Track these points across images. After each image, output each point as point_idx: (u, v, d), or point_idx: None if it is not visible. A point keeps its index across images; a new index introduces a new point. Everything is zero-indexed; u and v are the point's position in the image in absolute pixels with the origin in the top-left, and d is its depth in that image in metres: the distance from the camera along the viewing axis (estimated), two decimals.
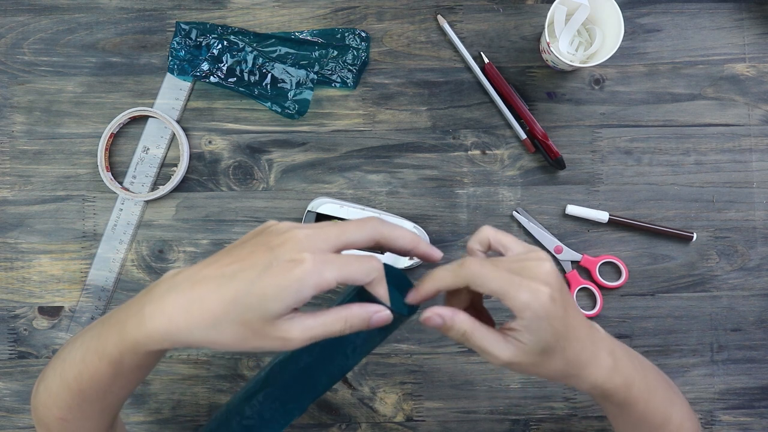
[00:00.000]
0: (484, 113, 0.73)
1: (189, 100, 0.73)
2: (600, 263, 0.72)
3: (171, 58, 0.72)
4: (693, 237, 0.71)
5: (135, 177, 0.72)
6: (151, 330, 0.42)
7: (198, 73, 0.71)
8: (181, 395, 0.72)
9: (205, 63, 0.71)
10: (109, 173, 0.72)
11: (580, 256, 0.72)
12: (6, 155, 0.73)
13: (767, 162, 0.73)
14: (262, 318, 0.40)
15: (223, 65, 0.71)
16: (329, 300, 0.72)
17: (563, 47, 0.69)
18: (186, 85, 0.72)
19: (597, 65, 0.71)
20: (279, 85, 0.72)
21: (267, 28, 0.73)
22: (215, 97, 0.73)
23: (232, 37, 0.72)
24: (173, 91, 0.72)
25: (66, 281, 0.72)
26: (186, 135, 0.72)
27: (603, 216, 0.71)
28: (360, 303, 0.43)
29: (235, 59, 0.72)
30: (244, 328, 0.40)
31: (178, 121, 0.72)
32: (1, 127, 0.73)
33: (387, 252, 0.69)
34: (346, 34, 0.72)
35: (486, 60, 0.72)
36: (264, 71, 0.72)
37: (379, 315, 0.43)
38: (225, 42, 0.72)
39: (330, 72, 0.72)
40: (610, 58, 0.66)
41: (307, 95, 0.72)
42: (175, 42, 0.72)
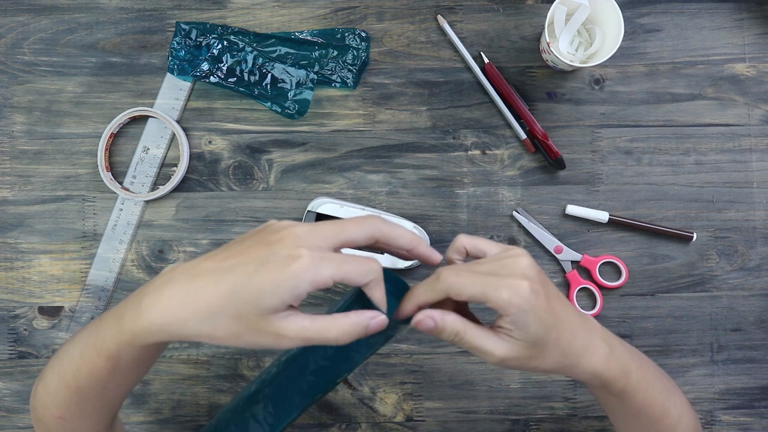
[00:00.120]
0: (484, 113, 0.73)
1: (189, 100, 0.73)
2: (600, 263, 0.72)
3: (171, 58, 0.72)
4: (693, 237, 0.71)
5: (135, 177, 0.72)
6: (148, 322, 0.42)
7: (198, 73, 0.71)
8: (181, 395, 0.72)
9: (205, 63, 0.71)
10: (109, 173, 0.72)
11: (580, 256, 0.72)
12: (6, 155, 0.73)
13: (767, 162, 0.73)
14: (257, 312, 0.40)
15: (223, 65, 0.71)
16: (329, 300, 0.72)
17: (563, 47, 0.69)
18: (186, 85, 0.72)
19: (597, 65, 0.71)
20: (279, 85, 0.72)
21: (267, 28, 0.73)
22: (215, 97, 0.73)
23: (232, 37, 0.72)
24: (173, 91, 0.72)
25: (66, 281, 0.72)
26: (186, 135, 0.72)
27: (603, 216, 0.71)
28: (357, 311, 0.43)
29: (235, 59, 0.72)
30: (239, 322, 0.40)
31: (178, 121, 0.72)
32: (1, 127, 0.73)
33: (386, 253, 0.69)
34: (346, 34, 0.72)
35: (486, 60, 0.72)
36: (264, 71, 0.72)
37: (376, 321, 0.43)
38: (225, 42, 0.72)
39: (330, 72, 0.72)
40: (610, 58, 0.66)
41: (307, 95, 0.72)
42: (175, 42, 0.72)
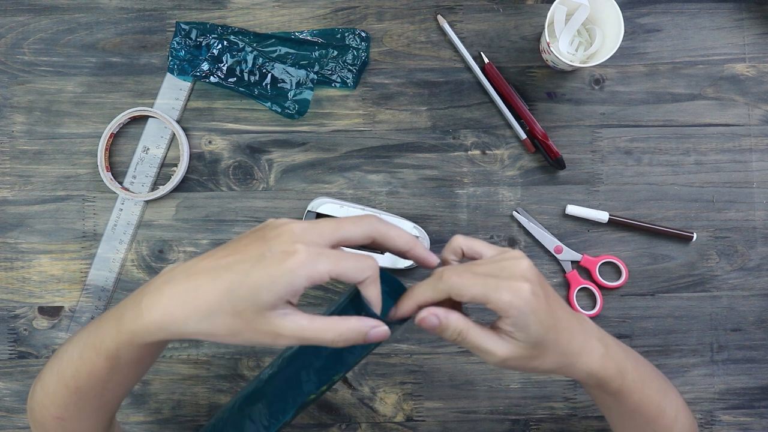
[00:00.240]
0: (484, 113, 0.73)
1: (189, 100, 0.73)
2: (600, 263, 0.72)
3: (171, 58, 0.72)
4: (693, 237, 0.71)
5: (135, 177, 0.72)
6: (148, 321, 0.42)
7: (198, 73, 0.71)
8: (181, 395, 0.72)
9: (205, 63, 0.71)
10: (109, 173, 0.72)
11: (580, 256, 0.72)
12: (6, 155, 0.73)
13: (767, 162, 0.73)
14: (254, 309, 0.40)
15: (223, 65, 0.71)
16: (329, 300, 0.72)
17: (563, 47, 0.69)
18: (186, 85, 0.72)
19: (597, 65, 0.71)
20: (279, 85, 0.72)
21: (267, 28, 0.73)
22: (215, 97, 0.73)
23: (232, 37, 0.72)
24: (173, 91, 0.72)
25: (66, 281, 0.72)
26: (186, 135, 0.72)
27: (603, 216, 0.71)
28: (360, 318, 0.43)
29: (235, 59, 0.72)
30: (237, 319, 0.41)
31: (178, 121, 0.72)
32: (1, 127, 0.73)
33: (386, 252, 0.69)
34: (346, 34, 0.72)
35: (486, 60, 0.72)
36: (264, 71, 0.72)
37: (377, 330, 0.43)
38: (225, 42, 0.72)
39: (330, 72, 0.72)
40: (610, 58, 0.66)
41: (307, 95, 0.72)
42: (175, 42, 0.72)
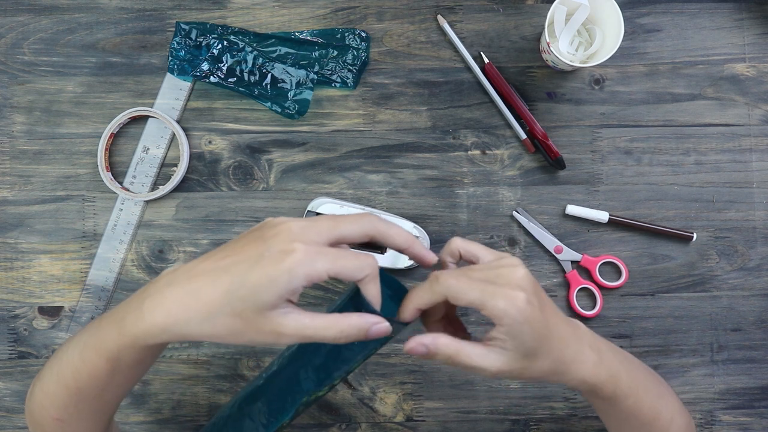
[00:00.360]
0: (484, 113, 0.73)
1: (189, 100, 0.73)
2: (600, 263, 0.72)
3: (171, 58, 0.72)
4: (693, 237, 0.71)
5: (135, 177, 0.72)
6: (150, 324, 0.43)
7: (198, 73, 0.71)
8: (181, 395, 0.72)
9: (205, 63, 0.71)
10: (109, 173, 0.72)
11: (580, 256, 0.72)
12: (6, 155, 0.73)
13: (767, 162, 0.73)
14: (254, 309, 0.40)
15: (223, 65, 0.71)
16: (329, 300, 0.72)
17: (563, 47, 0.69)
18: (186, 85, 0.72)
19: (597, 65, 0.71)
20: (279, 85, 0.72)
21: (267, 28, 0.73)
22: (215, 97, 0.73)
23: (232, 37, 0.72)
24: (173, 91, 0.72)
25: (66, 281, 0.72)
26: (186, 135, 0.72)
27: (603, 216, 0.71)
28: (361, 314, 0.43)
29: (235, 59, 0.72)
30: (238, 320, 0.41)
31: (178, 121, 0.72)
32: (1, 127, 0.73)
33: (386, 253, 0.69)
34: (346, 34, 0.72)
35: (486, 60, 0.72)
36: (264, 71, 0.72)
37: (378, 327, 0.43)
38: (225, 42, 0.72)
39: (330, 72, 0.72)
40: (610, 58, 0.66)
41: (307, 95, 0.72)
42: (175, 42, 0.72)
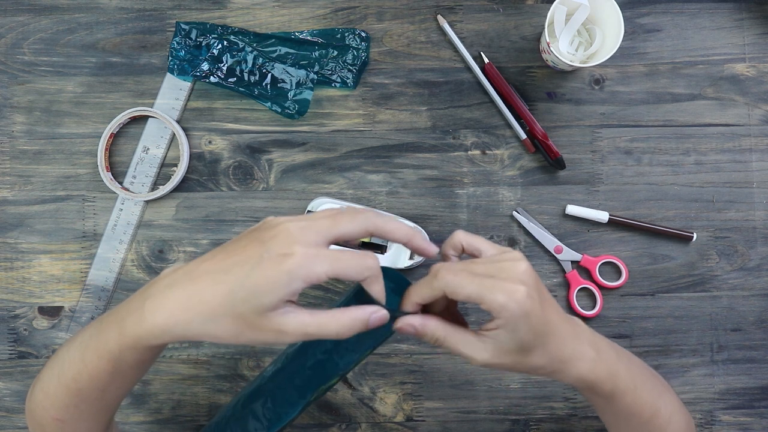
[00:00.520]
0: (484, 113, 0.73)
1: (189, 100, 0.73)
2: (600, 263, 0.72)
3: (171, 58, 0.72)
4: (693, 237, 0.71)
5: (135, 177, 0.72)
6: (152, 325, 0.43)
7: (198, 73, 0.71)
8: (181, 395, 0.72)
9: (205, 63, 0.71)
10: (109, 173, 0.72)
11: (580, 256, 0.72)
12: (6, 155, 0.73)
13: (767, 162, 0.73)
14: (255, 311, 0.41)
15: (223, 65, 0.71)
16: (329, 300, 0.72)
17: (563, 47, 0.69)
18: (186, 85, 0.72)
19: (597, 65, 0.71)
20: (279, 85, 0.72)
21: (267, 28, 0.73)
22: (215, 97, 0.73)
23: (232, 37, 0.72)
24: (173, 91, 0.72)
25: (66, 281, 0.72)
26: (186, 135, 0.72)
27: (603, 216, 0.71)
28: (358, 306, 0.43)
29: (235, 59, 0.72)
30: (239, 321, 0.41)
31: (178, 121, 0.72)
32: (1, 127, 0.73)
33: (386, 253, 0.69)
34: (346, 34, 0.72)
35: (486, 60, 0.72)
36: (264, 71, 0.72)
37: (377, 315, 0.43)
38: (225, 42, 0.72)
39: (330, 72, 0.72)
40: (610, 58, 0.66)
41: (307, 95, 0.72)
42: (175, 42, 0.72)
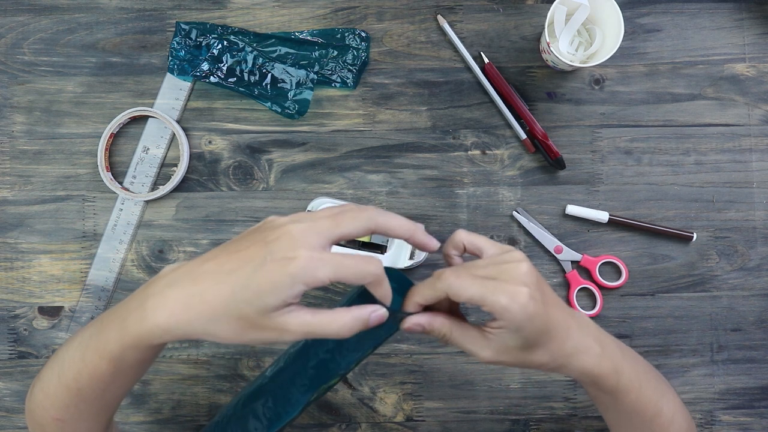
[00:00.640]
0: (484, 113, 0.73)
1: (189, 100, 0.73)
2: (600, 263, 0.72)
3: (171, 58, 0.72)
4: (693, 237, 0.71)
5: (135, 177, 0.72)
6: (153, 324, 0.43)
7: (198, 73, 0.71)
8: (181, 395, 0.72)
9: (205, 63, 0.71)
10: (109, 173, 0.72)
11: (580, 256, 0.72)
12: (6, 155, 0.73)
13: (767, 162, 0.73)
14: (258, 312, 0.41)
15: (223, 65, 0.71)
16: (330, 300, 0.72)
17: (563, 47, 0.69)
18: (186, 85, 0.72)
19: (597, 65, 0.71)
20: (279, 85, 0.72)
21: (267, 28, 0.73)
22: (215, 97, 0.73)
23: (232, 37, 0.72)
24: (173, 91, 0.72)
25: (66, 281, 0.72)
26: (186, 135, 0.72)
27: (603, 216, 0.71)
28: (359, 306, 0.44)
29: (235, 59, 0.72)
30: (241, 321, 0.42)
31: (178, 121, 0.72)
32: (1, 127, 0.73)
33: (386, 253, 0.69)
34: (346, 34, 0.72)
35: (486, 60, 0.72)
36: (264, 71, 0.72)
37: (376, 314, 0.44)
38: (225, 42, 0.72)
39: (330, 72, 0.72)
40: (610, 58, 0.66)
41: (307, 95, 0.72)
42: (175, 42, 0.72)
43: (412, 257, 0.69)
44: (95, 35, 0.73)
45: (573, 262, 0.72)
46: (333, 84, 0.72)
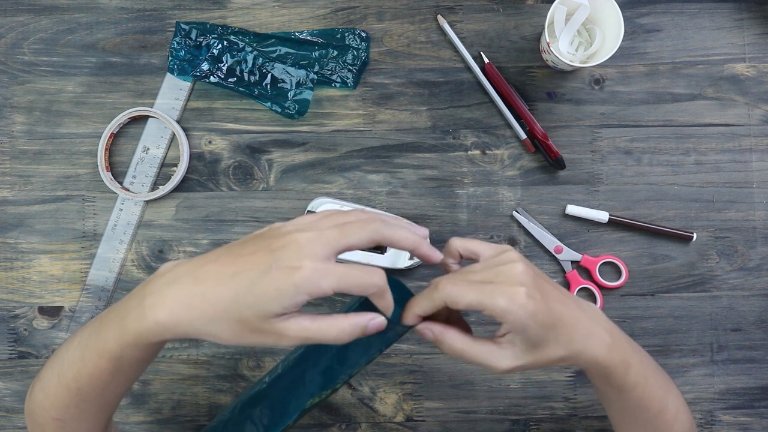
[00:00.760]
0: (484, 113, 0.73)
1: (189, 100, 0.73)
2: (600, 263, 0.72)
3: (171, 58, 0.72)
4: (693, 237, 0.71)
5: (135, 177, 0.72)
6: (152, 322, 0.43)
7: (198, 73, 0.71)
8: (181, 395, 0.72)
9: (205, 63, 0.71)
10: (109, 173, 0.72)
11: (580, 256, 0.72)
12: (6, 155, 0.73)
13: (767, 162, 0.73)
14: (258, 316, 0.41)
15: (223, 65, 0.71)
16: (330, 300, 0.72)
17: (563, 47, 0.69)
18: (186, 85, 0.72)
19: (597, 65, 0.71)
20: (279, 85, 0.72)
21: (267, 28, 0.73)
22: (215, 97, 0.73)
23: (232, 37, 0.72)
24: (173, 91, 0.72)
25: (66, 281, 0.72)
26: (186, 135, 0.72)
27: (603, 216, 0.71)
28: (357, 313, 0.44)
29: (235, 59, 0.72)
30: (241, 324, 0.42)
31: (178, 121, 0.72)
32: (1, 127, 0.73)
33: (387, 253, 0.69)
34: (346, 34, 0.72)
35: (486, 60, 0.72)
36: (264, 71, 0.72)
37: (375, 322, 0.44)
38: (225, 42, 0.72)
39: (330, 72, 0.72)
40: (610, 58, 0.66)
41: (307, 95, 0.72)
42: (175, 42, 0.72)
43: (411, 258, 0.70)
44: (95, 35, 0.73)
45: (573, 262, 0.72)
46: (333, 84, 0.72)
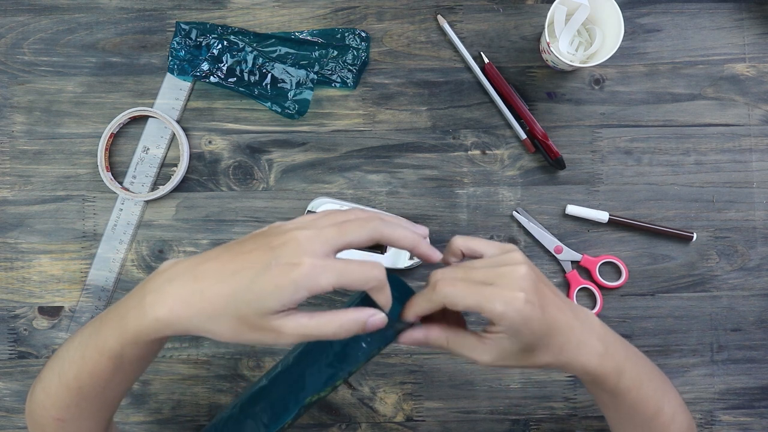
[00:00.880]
0: (484, 113, 0.73)
1: (189, 100, 0.73)
2: (600, 263, 0.72)
3: (171, 58, 0.72)
4: (693, 237, 0.71)
5: (135, 177, 0.72)
6: (152, 319, 0.43)
7: (198, 73, 0.71)
8: (181, 395, 0.72)
9: (205, 63, 0.71)
10: (109, 173, 0.72)
11: (580, 256, 0.72)
12: (6, 155, 0.73)
13: (767, 162, 0.73)
14: (257, 314, 0.41)
15: (223, 65, 0.71)
16: (330, 301, 0.72)
17: (563, 47, 0.69)
18: (186, 85, 0.72)
19: (597, 65, 0.71)
20: (279, 85, 0.72)
21: (267, 28, 0.73)
22: (215, 97, 0.73)
23: (232, 37, 0.72)
24: (173, 91, 0.72)
25: (66, 281, 0.72)
26: (186, 135, 0.72)
27: (603, 216, 0.71)
28: (357, 308, 0.44)
29: (235, 59, 0.72)
30: (240, 321, 0.42)
31: (178, 121, 0.72)
32: (1, 127, 0.73)
33: (387, 253, 0.69)
34: (346, 34, 0.72)
35: (486, 60, 0.72)
36: (264, 71, 0.72)
37: (375, 318, 0.44)
38: (225, 42, 0.72)
39: (330, 72, 0.72)
40: (610, 58, 0.66)
41: (307, 95, 0.72)
42: (175, 42, 0.72)
43: (411, 258, 0.70)
44: (95, 35, 0.73)
45: (573, 262, 0.72)
46: (333, 84, 0.72)
